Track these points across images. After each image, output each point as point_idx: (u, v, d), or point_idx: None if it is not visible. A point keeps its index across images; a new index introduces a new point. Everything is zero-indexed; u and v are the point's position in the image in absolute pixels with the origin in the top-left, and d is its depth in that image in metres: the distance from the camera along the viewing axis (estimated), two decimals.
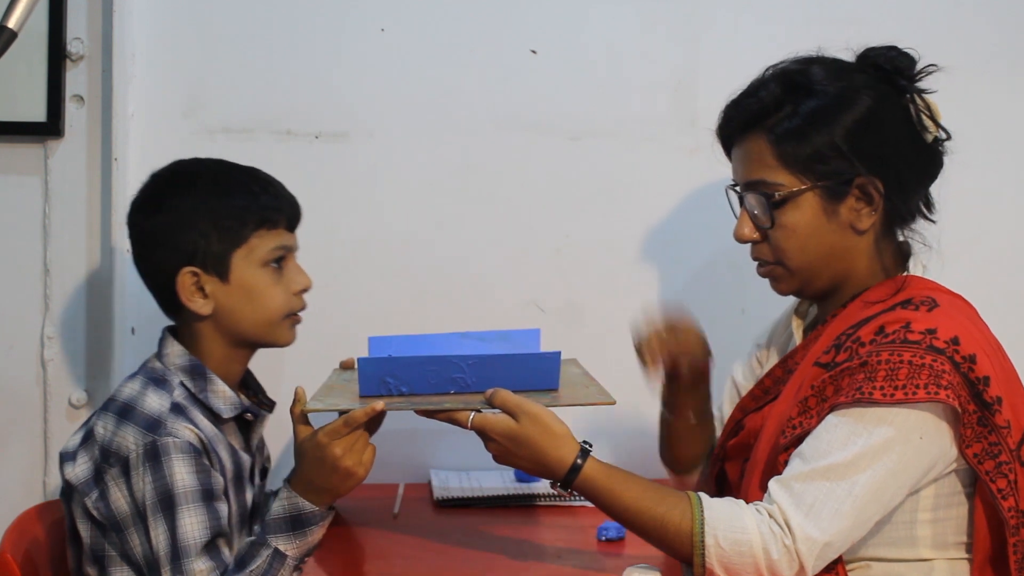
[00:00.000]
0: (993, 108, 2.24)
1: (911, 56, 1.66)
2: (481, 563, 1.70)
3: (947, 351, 1.51)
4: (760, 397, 1.75)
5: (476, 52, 2.21)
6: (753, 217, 1.67)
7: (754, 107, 1.65)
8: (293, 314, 1.75)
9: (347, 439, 1.58)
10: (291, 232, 1.77)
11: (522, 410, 1.56)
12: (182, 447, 1.60)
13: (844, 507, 1.49)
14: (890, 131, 1.63)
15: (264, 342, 1.76)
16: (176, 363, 1.70)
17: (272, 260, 1.72)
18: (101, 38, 2.12)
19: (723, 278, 2.22)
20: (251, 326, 1.72)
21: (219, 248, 1.69)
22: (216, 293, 1.70)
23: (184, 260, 1.69)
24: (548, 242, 2.24)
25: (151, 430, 1.61)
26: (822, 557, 1.50)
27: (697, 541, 1.51)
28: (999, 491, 1.52)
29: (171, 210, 1.70)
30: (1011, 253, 2.27)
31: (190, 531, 1.58)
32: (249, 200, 1.71)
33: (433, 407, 1.60)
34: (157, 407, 1.63)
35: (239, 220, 1.70)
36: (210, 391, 1.70)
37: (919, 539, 1.58)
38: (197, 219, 1.69)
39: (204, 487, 1.60)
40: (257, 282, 1.71)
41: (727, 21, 2.23)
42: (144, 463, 1.59)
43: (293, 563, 1.61)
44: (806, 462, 1.52)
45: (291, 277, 1.74)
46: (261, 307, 1.71)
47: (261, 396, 1.84)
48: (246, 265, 1.70)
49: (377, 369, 1.64)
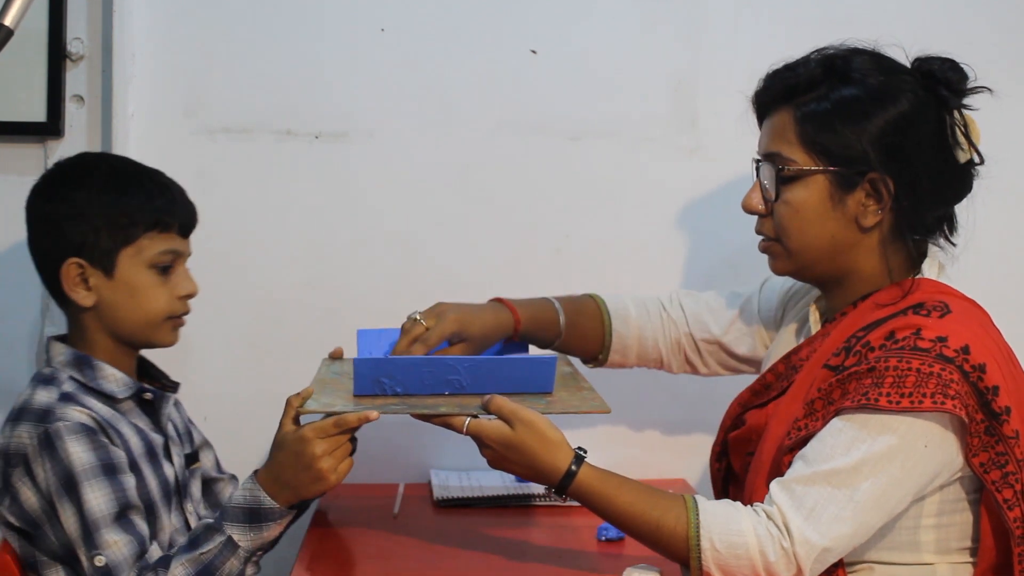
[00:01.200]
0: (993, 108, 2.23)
1: (964, 72, 1.64)
2: (481, 563, 1.69)
3: (957, 360, 1.49)
4: (761, 392, 1.74)
5: (476, 52, 2.21)
6: (763, 189, 1.67)
7: (790, 81, 1.65)
8: (175, 317, 1.76)
9: (331, 441, 1.60)
10: (184, 238, 1.77)
11: (517, 417, 1.56)
12: (74, 428, 1.61)
13: (845, 513, 1.49)
14: (918, 138, 1.60)
15: (143, 341, 1.76)
16: (61, 360, 1.72)
17: (159, 263, 1.73)
18: (101, 38, 2.12)
19: (723, 278, 2.22)
20: (131, 324, 1.73)
21: (107, 244, 1.70)
22: (99, 287, 1.71)
23: (71, 251, 1.70)
24: (548, 242, 2.24)
25: (42, 420, 1.62)
26: (820, 561, 1.50)
27: (693, 544, 1.51)
28: (1005, 501, 1.51)
29: (65, 200, 1.72)
30: (1011, 257, 2.26)
31: (96, 505, 1.59)
32: (143, 201, 1.72)
33: (429, 411, 1.60)
34: (46, 400, 1.65)
35: (130, 219, 1.71)
36: (100, 377, 1.71)
37: (922, 544, 1.57)
38: (90, 212, 1.70)
39: (103, 461, 1.61)
40: (141, 282, 1.72)
41: (727, 21, 2.22)
42: (41, 452, 1.61)
43: (245, 555, 1.62)
44: (808, 465, 1.52)
45: (177, 281, 1.75)
46: (142, 307, 1.72)
47: (164, 380, 1.84)
48: (132, 264, 1.71)
49: (372, 370, 1.64)
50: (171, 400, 1.81)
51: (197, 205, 2.09)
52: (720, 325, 1.92)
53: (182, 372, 2.20)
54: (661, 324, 1.95)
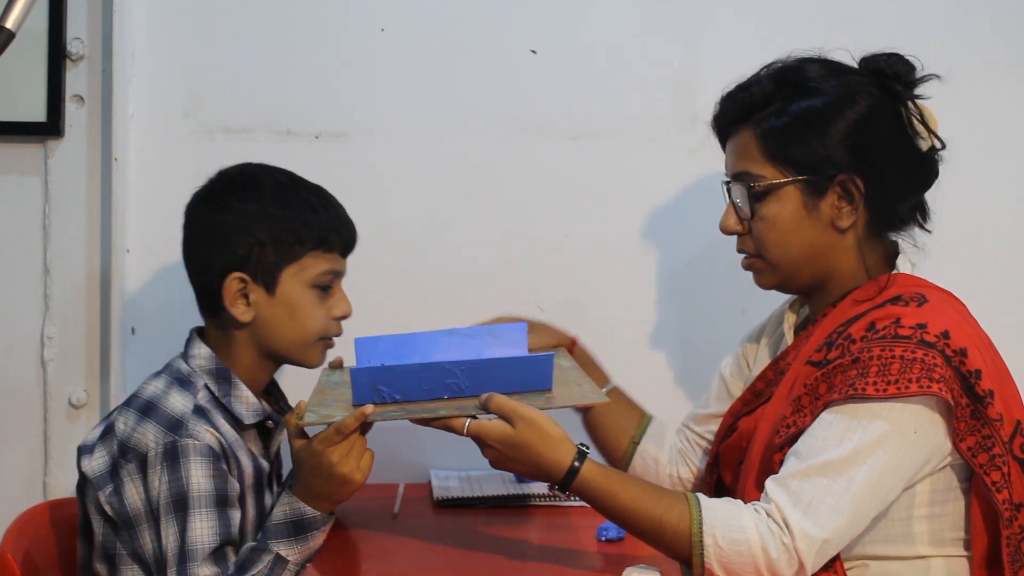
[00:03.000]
0: (993, 108, 2.24)
1: (911, 63, 1.67)
2: (481, 563, 1.69)
3: (938, 345, 1.51)
4: (752, 400, 1.75)
5: (476, 52, 2.21)
6: (737, 209, 1.69)
7: (745, 101, 1.68)
8: (328, 338, 1.76)
9: (342, 446, 1.59)
10: (343, 257, 1.77)
11: (518, 415, 1.56)
12: (201, 450, 1.60)
13: (842, 503, 1.50)
14: (879, 134, 1.64)
15: (294, 360, 1.76)
16: (202, 365, 1.70)
17: (320, 283, 1.72)
18: (101, 38, 2.12)
19: (723, 278, 2.22)
20: (285, 343, 1.72)
21: (272, 260, 1.69)
22: (259, 303, 1.70)
23: (235, 264, 1.69)
24: (548, 242, 2.24)
25: (172, 430, 1.61)
26: (821, 554, 1.51)
27: (696, 541, 1.51)
28: (993, 483, 1.53)
29: (232, 211, 1.70)
30: (1009, 254, 2.27)
31: (199, 535, 1.58)
32: (310, 218, 1.71)
33: (428, 415, 1.60)
34: (180, 407, 1.64)
35: (296, 237, 1.70)
36: (234, 396, 1.70)
37: (916, 536, 1.58)
38: (256, 226, 1.69)
39: (219, 493, 1.61)
40: (301, 301, 1.71)
41: (727, 21, 2.23)
42: (162, 462, 1.59)
43: (295, 568, 1.61)
44: (802, 460, 1.53)
45: (334, 302, 1.75)
46: (299, 326, 1.71)
47: (283, 403, 1.84)
48: (294, 282, 1.70)
49: (370, 378, 1.63)
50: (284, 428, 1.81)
51: None
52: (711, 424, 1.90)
53: None
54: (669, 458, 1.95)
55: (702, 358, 2.21)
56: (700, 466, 1.90)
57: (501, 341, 1.81)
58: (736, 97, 1.70)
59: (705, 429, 1.90)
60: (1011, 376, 1.61)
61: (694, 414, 1.95)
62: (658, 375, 2.24)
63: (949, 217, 1.75)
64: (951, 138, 1.69)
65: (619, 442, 1.92)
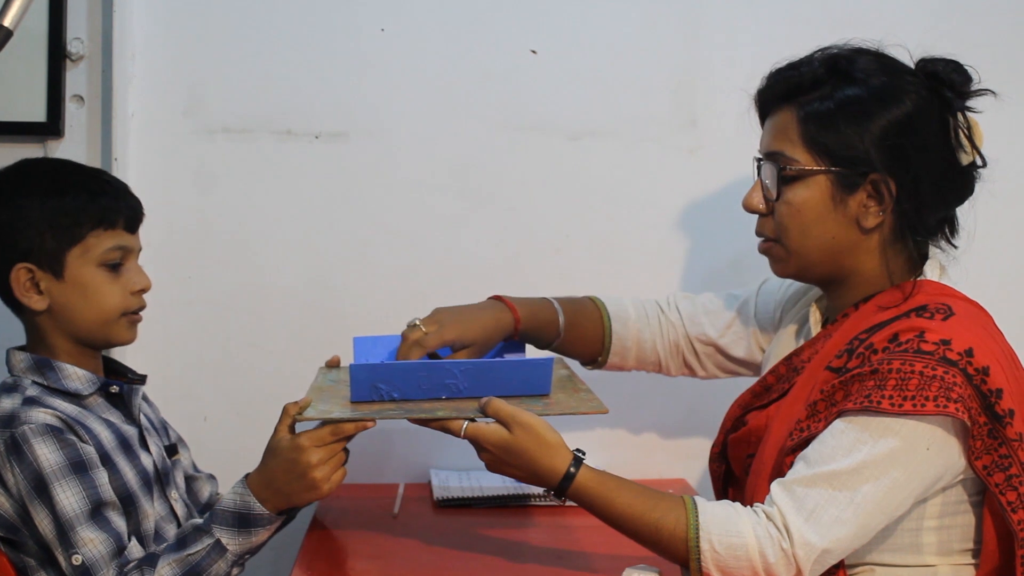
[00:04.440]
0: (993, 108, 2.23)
1: (969, 74, 1.64)
2: (481, 563, 1.69)
3: (960, 363, 1.49)
4: (762, 394, 1.74)
5: (476, 52, 2.21)
6: (764, 188, 1.67)
7: (793, 80, 1.65)
8: (131, 313, 1.75)
9: (327, 449, 1.60)
10: (131, 233, 1.76)
11: (515, 420, 1.56)
12: (39, 429, 1.61)
13: (845, 515, 1.49)
14: (921, 140, 1.60)
15: (102, 340, 1.75)
16: (22, 367, 1.71)
17: (108, 260, 1.72)
18: (101, 38, 2.12)
19: (723, 278, 2.22)
20: (86, 324, 1.72)
21: (53, 246, 1.69)
22: (51, 290, 1.70)
23: (19, 256, 1.69)
24: (548, 242, 2.24)
25: (7, 426, 1.62)
26: (820, 563, 1.50)
27: (692, 546, 1.51)
28: (1009, 504, 1.51)
29: (8, 207, 1.71)
30: (1012, 260, 2.26)
31: (68, 504, 1.59)
32: (86, 200, 1.71)
33: (426, 415, 1.60)
34: (9, 406, 1.65)
35: (74, 219, 1.70)
36: (63, 377, 1.70)
37: (924, 546, 1.57)
38: (33, 217, 1.69)
39: (72, 460, 1.61)
40: (92, 280, 1.71)
41: (727, 21, 2.22)
42: (9, 457, 1.60)
43: (232, 558, 1.62)
44: (810, 466, 1.52)
45: (129, 277, 1.74)
46: (95, 305, 1.71)
47: (130, 374, 1.83)
48: (81, 263, 1.70)
49: (369, 375, 1.64)
50: (139, 392, 1.80)
51: (197, 205, 2.09)
52: (716, 328, 1.92)
53: (180, 372, 2.21)
54: (659, 327, 1.95)
55: None
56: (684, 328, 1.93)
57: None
58: (784, 75, 1.66)
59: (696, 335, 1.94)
60: None
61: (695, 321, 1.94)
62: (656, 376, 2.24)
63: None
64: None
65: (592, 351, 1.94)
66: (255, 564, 1.86)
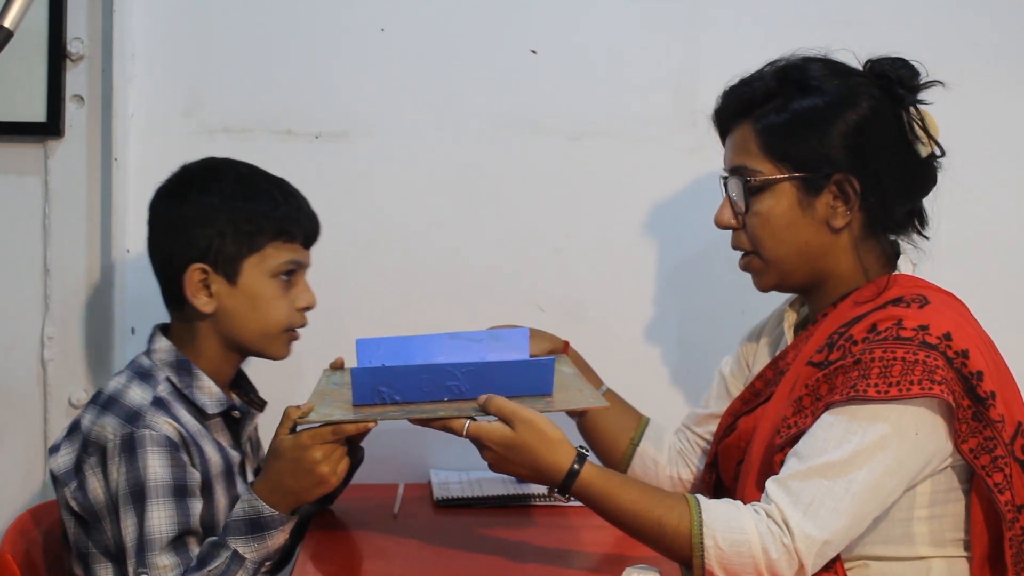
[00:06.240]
0: (993, 109, 2.24)
1: (916, 68, 1.67)
2: (480, 563, 1.69)
3: (940, 346, 1.51)
4: (751, 400, 1.75)
5: (476, 52, 2.21)
6: (732, 203, 1.70)
7: (746, 96, 1.68)
8: (292, 329, 1.76)
9: (329, 446, 1.60)
10: (306, 249, 1.77)
11: (518, 417, 1.56)
12: (158, 440, 1.61)
13: (842, 505, 1.50)
14: (878, 136, 1.63)
15: (258, 351, 1.76)
16: (163, 358, 1.71)
17: (282, 272, 1.73)
18: (101, 38, 2.12)
19: (723, 278, 2.22)
20: (248, 333, 1.72)
21: (233, 250, 1.69)
22: (221, 294, 1.70)
23: (197, 256, 1.69)
24: (548, 242, 2.24)
25: (130, 421, 1.62)
26: (821, 555, 1.50)
27: (696, 543, 1.51)
28: (995, 485, 1.53)
29: (194, 203, 1.71)
30: (1009, 254, 2.27)
31: (157, 525, 1.59)
32: (271, 209, 1.72)
33: (428, 415, 1.60)
34: (139, 400, 1.65)
35: (257, 227, 1.70)
36: (195, 387, 1.70)
37: (916, 536, 1.58)
38: (217, 217, 1.69)
39: (177, 482, 1.61)
40: (263, 291, 1.72)
41: (727, 21, 2.23)
42: (120, 453, 1.60)
43: (252, 566, 1.62)
44: (802, 461, 1.53)
45: (297, 293, 1.75)
46: (262, 317, 1.72)
47: (252, 396, 1.84)
48: (256, 273, 1.71)
49: (371, 378, 1.64)
50: (256, 419, 1.81)
51: None
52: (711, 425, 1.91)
53: None
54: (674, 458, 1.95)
55: (701, 358, 2.21)
56: (699, 466, 1.90)
57: (503, 345, 1.81)
58: (737, 92, 1.70)
59: (704, 429, 1.90)
60: (1013, 377, 1.61)
61: (694, 414, 1.95)
62: (657, 374, 2.24)
63: (948, 218, 1.74)
64: (949, 138, 1.69)
65: (617, 444, 1.93)
66: None
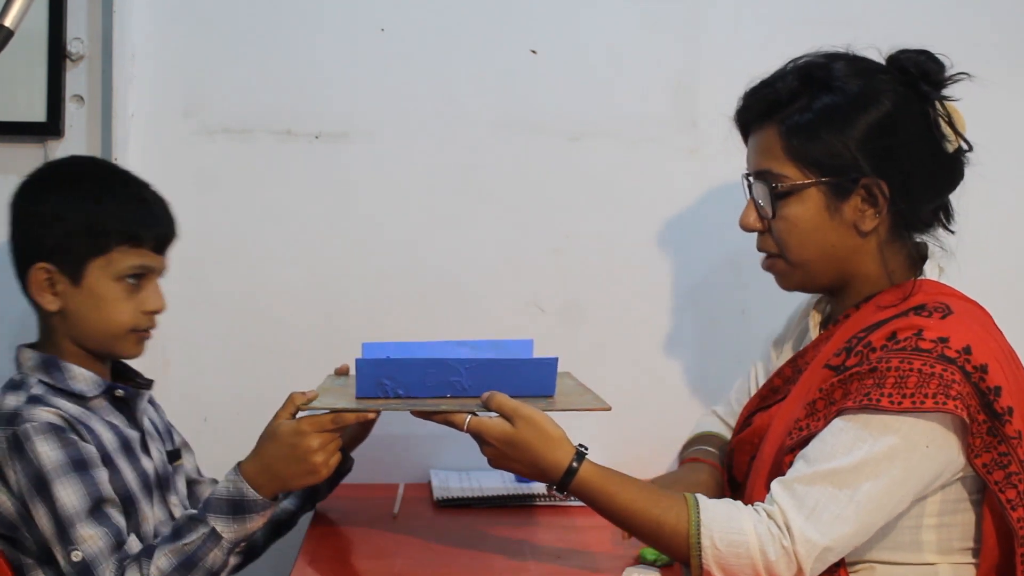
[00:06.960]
0: (993, 109, 2.24)
1: (941, 62, 1.63)
2: (481, 563, 1.69)
3: (958, 360, 1.49)
4: (768, 396, 1.74)
5: (476, 52, 2.21)
6: (758, 207, 1.67)
7: (770, 97, 1.65)
8: (140, 330, 1.75)
9: (327, 436, 1.61)
10: (158, 253, 1.75)
11: (518, 414, 1.56)
12: (41, 428, 1.61)
13: (846, 512, 1.49)
14: (905, 136, 1.60)
15: (106, 351, 1.75)
16: (30, 365, 1.71)
17: (129, 276, 1.71)
18: (101, 38, 2.12)
19: (723, 278, 2.22)
20: (93, 333, 1.72)
21: (78, 251, 1.69)
22: (65, 294, 1.70)
23: (43, 255, 1.69)
24: (548, 242, 2.24)
25: (9, 424, 1.62)
26: (821, 560, 1.50)
27: (694, 543, 1.51)
28: (1008, 501, 1.51)
29: (46, 202, 1.71)
30: (1017, 258, 2.26)
31: (68, 502, 1.59)
32: (121, 212, 1.71)
33: (429, 408, 1.60)
34: (13, 404, 1.65)
35: (103, 229, 1.69)
36: (68, 378, 1.70)
37: (924, 544, 1.57)
38: (66, 218, 1.69)
39: (73, 458, 1.61)
40: (106, 293, 1.70)
41: (727, 21, 2.22)
42: (11, 455, 1.61)
43: (228, 546, 1.62)
44: (809, 464, 1.52)
45: (145, 297, 1.74)
46: (105, 318, 1.71)
47: (139, 379, 1.84)
48: (101, 275, 1.70)
49: (375, 370, 1.64)
50: (145, 397, 1.80)
51: (197, 205, 2.08)
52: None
53: (181, 373, 2.21)
54: None
55: (701, 358, 2.21)
56: None
57: (507, 355, 1.81)
58: (760, 92, 1.67)
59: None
60: None
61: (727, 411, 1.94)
62: (657, 374, 2.24)
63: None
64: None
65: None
66: (255, 564, 1.86)
